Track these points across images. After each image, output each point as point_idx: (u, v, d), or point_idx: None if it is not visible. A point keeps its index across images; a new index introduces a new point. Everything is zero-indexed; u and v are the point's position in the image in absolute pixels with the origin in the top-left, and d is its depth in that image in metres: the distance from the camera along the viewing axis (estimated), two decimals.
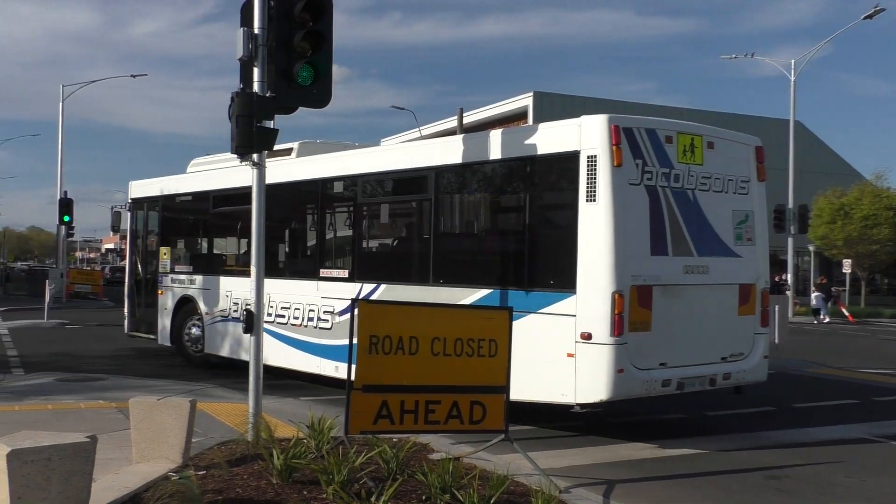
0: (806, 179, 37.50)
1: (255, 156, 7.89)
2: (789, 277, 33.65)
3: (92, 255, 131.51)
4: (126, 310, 16.72)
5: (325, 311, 11.69)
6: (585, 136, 8.57)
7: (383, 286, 10.85)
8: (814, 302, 32.21)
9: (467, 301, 9.53)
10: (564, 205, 9.08)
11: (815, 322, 31.37)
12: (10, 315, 26.51)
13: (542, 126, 9.39)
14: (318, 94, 8.01)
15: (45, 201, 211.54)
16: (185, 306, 14.82)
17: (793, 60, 34.96)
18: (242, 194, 13.69)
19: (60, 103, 37.61)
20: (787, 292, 30.91)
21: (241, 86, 7.72)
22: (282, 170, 11.98)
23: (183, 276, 15.02)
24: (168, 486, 5.94)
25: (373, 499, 5.66)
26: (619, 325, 8.26)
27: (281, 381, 11.90)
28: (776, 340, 15.64)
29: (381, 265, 11.71)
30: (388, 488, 5.76)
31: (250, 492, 6.03)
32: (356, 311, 6.86)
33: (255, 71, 7.69)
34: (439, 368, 7.02)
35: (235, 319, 13.38)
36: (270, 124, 7.79)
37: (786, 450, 8.93)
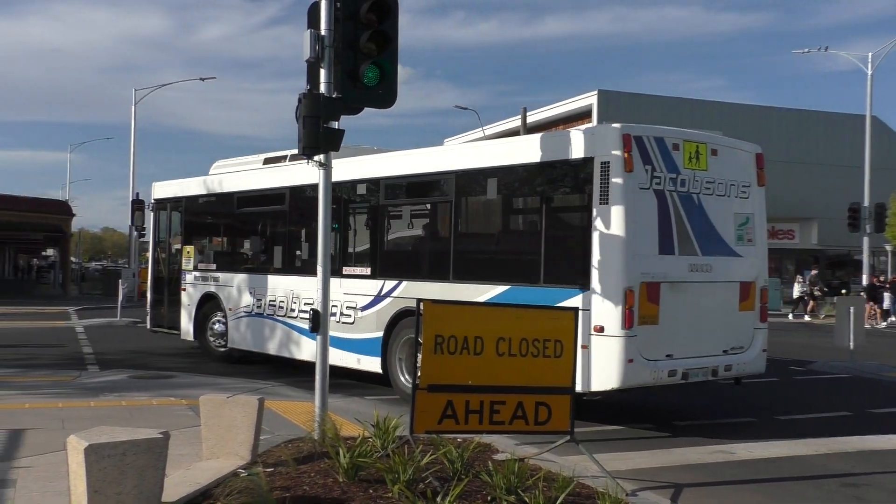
0: (883, 176, 36.25)
1: (321, 156, 7.96)
2: (864, 278, 32.53)
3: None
4: (149, 306, 17.24)
5: (347, 307, 12.09)
6: (599, 143, 9.15)
7: (404, 283, 11.30)
8: (886, 303, 31.07)
9: (484, 297, 9.91)
10: (579, 207, 9.63)
11: (888, 322, 30.26)
12: (85, 314, 27.42)
13: (559, 133, 9.83)
14: (384, 95, 8.06)
15: (118, 203, 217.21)
16: (208, 303, 15.25)
17: (870, 53, 33.86)
18: (266, 195, 14.20)
19: (133, 107, 38.73)
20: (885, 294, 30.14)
21: (308, 87, 7.79)
22: (309, 172, 12.27)
23: (206, 274, 15.44)
24: (237, 482, 6.04)
25: (438, 498, 5.65)
26: (629, 319, 8.82)
27: (345, 380, 12.01)
28: (851, 345, 15.19)
29: (402, 263, 12.09)
30: (454, 488, 5.74)
31: (317, 489, 6.08)
32: (422, 312, 6.89)
33: (322, 72, 7.75)
34: (504, 369, 7.01)
35: (259, 315, 13.86)
36: (336, 125, 7.86)
37: (863, 457, 8.65)
